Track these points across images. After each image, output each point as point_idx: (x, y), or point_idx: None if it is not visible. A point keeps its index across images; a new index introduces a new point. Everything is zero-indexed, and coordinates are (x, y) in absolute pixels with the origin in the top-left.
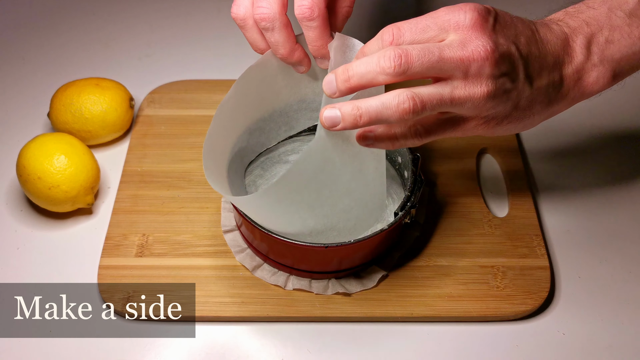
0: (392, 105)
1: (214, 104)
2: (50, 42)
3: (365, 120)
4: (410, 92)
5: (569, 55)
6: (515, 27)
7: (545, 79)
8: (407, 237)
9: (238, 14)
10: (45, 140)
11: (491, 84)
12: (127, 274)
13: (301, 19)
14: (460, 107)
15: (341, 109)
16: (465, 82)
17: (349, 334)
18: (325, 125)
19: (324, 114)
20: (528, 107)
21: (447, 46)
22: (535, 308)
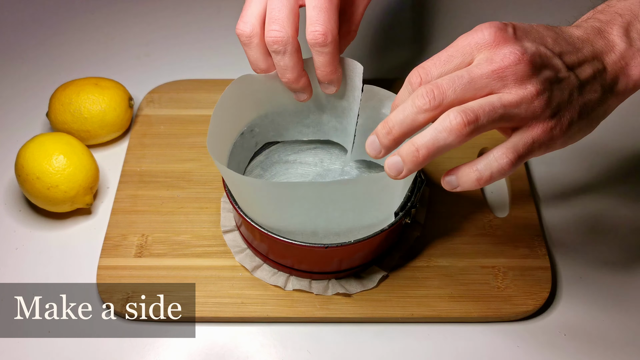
0: (444, 126)
1: (213, 104)
2: (48, 42)
3: (424, 153)
4: (458, 108)
5: (608, 45)
6: (538, 32)
7: (589, 68)
8: (407, 238)
9: (244, 30)
10: (44, 140)
11: (535, 82)
12: (126, 274)
13: (313, 44)
14: (517, 112)
15: (400, 153)
16: (509, 89)
17: (349, 334)
18: (392, 175)
19: (387, 165)
20: (583, 101)
21: (475, 66)
22: (536, 308)
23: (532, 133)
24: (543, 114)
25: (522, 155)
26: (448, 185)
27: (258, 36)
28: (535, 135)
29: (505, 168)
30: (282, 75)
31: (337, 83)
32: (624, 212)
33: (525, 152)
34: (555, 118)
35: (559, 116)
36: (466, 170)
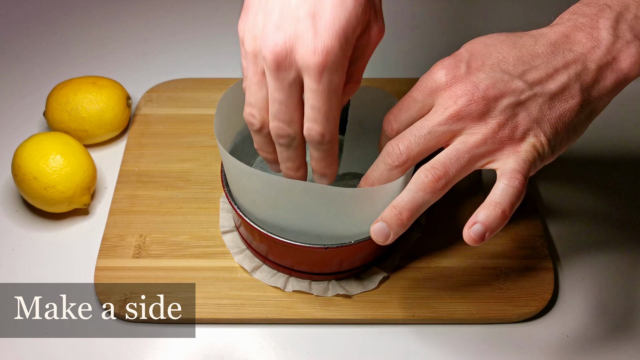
0: (418, 186)
1: (212, 103)
2: (46, 40)
3: (407, 215)
4: (427, 164)
5: (593, 41)
6: (498, 54)
7: (562, 76)
8: (408, 238)
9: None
10: (41, 139)
11: (495, 114)
12: (124, 275)
13: (309, 140)
14: (486, 148)
15: (384, 219)
16: (471, 129)
17: (350, 336)
18: (380, 241)
19: (374, 232)
20: (560, 111)
21: (433, 114)
22: (538, 310)
23: (519, 155)
24: (514, 138)
25: (525, 172)
26: (477, 236)
27: (266, 124)
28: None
29: (519, 186)
30: (282, 162)
31: (331, 177)
32: (627, 213)
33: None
34: (530, 136)
35: (535, 133)
36: (486, 212)
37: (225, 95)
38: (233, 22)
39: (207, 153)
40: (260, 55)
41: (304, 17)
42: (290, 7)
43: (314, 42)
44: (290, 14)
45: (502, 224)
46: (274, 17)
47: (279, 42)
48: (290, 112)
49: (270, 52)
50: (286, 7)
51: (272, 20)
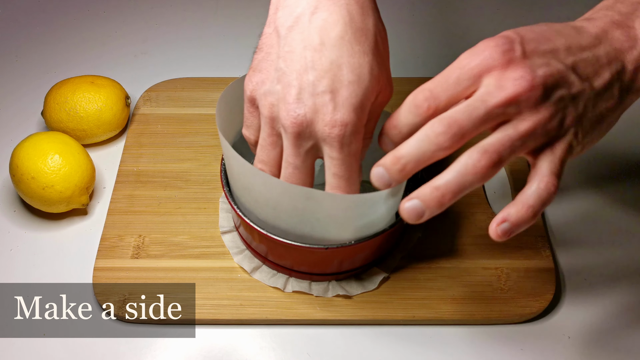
0: (469, 170)
1: (211, 102)
2: (44, 39)
3: (449, 197)
4: (478, 148)
5: (629, 41)
6: (548, 41)
7: (607, 73)
8: (409, 238)
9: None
10: (39, 139)
11: (549, 105)
12: (122, 275)
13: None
14: (533, 137)
15: (422, 198)
16: (523, 116)
17: (350, 337)
18: (412, 220)
19: (405, 208)
20: (599, 110)
21: (488, 94)
22: (540, 310)
23: (556, 152)
24: (558, 132)
25: (560, 174)
26: (503, 234)
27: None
28: (558, 154)
29: (554, 192)
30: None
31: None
32: (629, 213)
33: (561, 170)
34: (570, 133)
35: (575, 130)
36: (518, 211)
37: (224, 94)
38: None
39: (207, 153)
40: (278, 121)
41: (323, 92)
42: (309, 82)
43: (333, 115)
44: (309, 89)
45: (529, 224)
46: (293, 89)
47: (301, 114)
48: (303, 176)
49: (292, 122)
50: (305, 81)
51: (291, 92)
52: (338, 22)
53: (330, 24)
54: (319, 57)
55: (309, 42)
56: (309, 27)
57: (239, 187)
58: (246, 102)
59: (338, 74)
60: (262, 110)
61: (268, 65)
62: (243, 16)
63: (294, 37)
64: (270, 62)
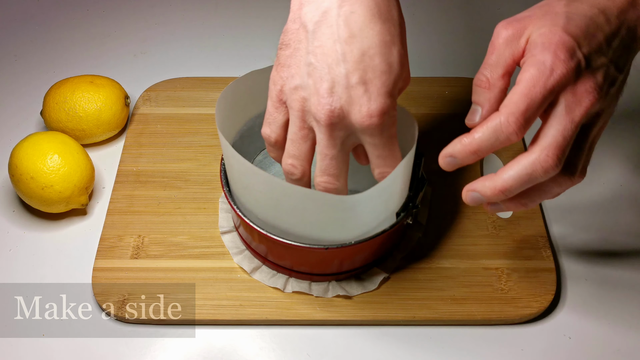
0: (537, 170)
1: (211, 102)
2: (43, 39)
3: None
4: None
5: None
6: (593, 37)
7: (632, 56)
8: (409, 239)
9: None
10: (38, 139)
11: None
12: (122, 276)
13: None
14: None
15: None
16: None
17: (350, 337)
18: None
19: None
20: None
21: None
22: (540, 311)
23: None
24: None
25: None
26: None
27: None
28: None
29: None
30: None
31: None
32: (630, 213)
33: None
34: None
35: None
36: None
37: (224, 93)
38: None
39: (206, 153)
40: (309, 115)
41: (357, 83)
42: (342, 75)
43: (370, 106)
44: (342, 81)
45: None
46: (325, 83)
47: (336, 107)
48: (341, 164)
49: (327, 115)
50: (337, 74)
51: (324, 85)
52: (366, 14)
53: (359, 16)
54: (349, 49)
55: (338, 35)
56: (338, 21)
57: (239, 187)
58: (272, 98)
59: (370, 65)
60: (292, 104)
61: (297, 61)
62: (243, 16)
63: (323, 31)
64: (299, 58)
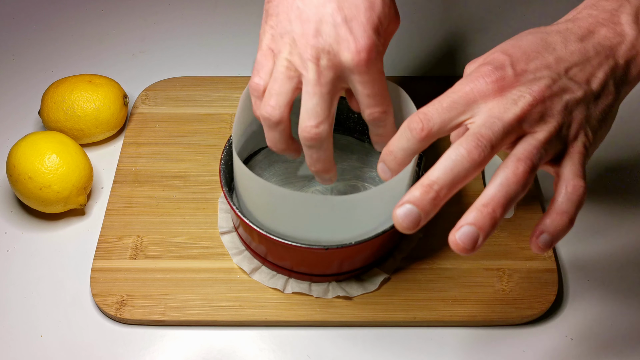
0: (510, 179)
1: (210, 102)
2: (41, 38)
3: (501, 212)
4: (511, 158)
5: (619, 36)
6: (538, 55)
7: (601, 73)
8: (409, 239)
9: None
10: (36, 138)
11: (555, 114)
12: (120, 276)
13: (374, 123)
14: (553, 145)
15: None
16: (535, 129)
17: (350, 338)
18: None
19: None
20: (602, 107)
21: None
22: (542, 312)
23: (573, 157)
24: (570, 137)
25: (583, 175)
26: (545, 246)
27: (285, 122)
28: (577, 157)
29: (583, 193)
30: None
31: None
32: (632, 213)
33: (583, 171)
34: (582, 135)
35: (585, 132)
36: (553, 220)
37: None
38: (231, 20)
39: (206, 152)
40: (297, 56)
41: (341, 22)
42: (328, 14)
43: (357, 43)
44: (327, 20)
45: (567, 231)
46: (312, 24)
47: (325, 46)
48: (327, 105)
49: (314, 55)
50: (324, 14)
51: (310, 27)
52: None
53: None
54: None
55: None
56: None
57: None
58: (262, 48)
59: (354, 3)
60: (280, 48)
61: (285, 8)
62: (242, 15)
63: None
64: (287, 5)
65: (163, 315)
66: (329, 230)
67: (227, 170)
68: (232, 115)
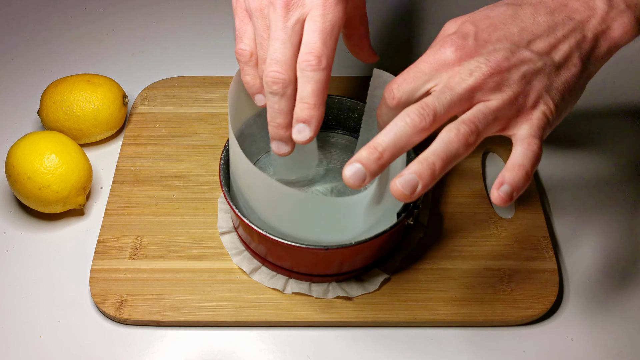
0: (452, 138)
1: (210, 101)
2: (40, 37)
3: (440, 165)
4: (457, 121)
5: (590, 10)
6: (504, 26)
7: (565, 45)
8: (410, 239)
9: (245, 50)
10: (35, 138)
11: (511, 83)
12: (120, 277)
13: (304, 68)
14: (505, 113)
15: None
16: (489, 97)
17: (350, 339)
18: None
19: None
20: (564, 79)
21: (454, 84)
22: (542, 312)
23: (532, 121)
24: (527, 106)
25: (540, 137)
26: (506, 195)
27: (255, 54)
28: (535, 122)
29: (537, 149)
30: (272, 119)
31: (316, 123)
32: (634, 213)
33: (540, 134)
34: (542, 104)
35: (544, 102)
36: (511, 173)
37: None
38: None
39: (205, 152)
40: (266, 6)
41: None
42: None
43: None
44: None
45: (526, 184)
46: None
47: None
48: (289, 52)
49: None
50: None
51: None
52: None
53: None
54: None
55: None
56: None
57: (245, 184)
58: (238, 15)
59: None
60: (252, 6)
61: None
62: None
63: None
64: None
65: (163, 316)
66: (329, 231)
67: (227, 170)
68: None
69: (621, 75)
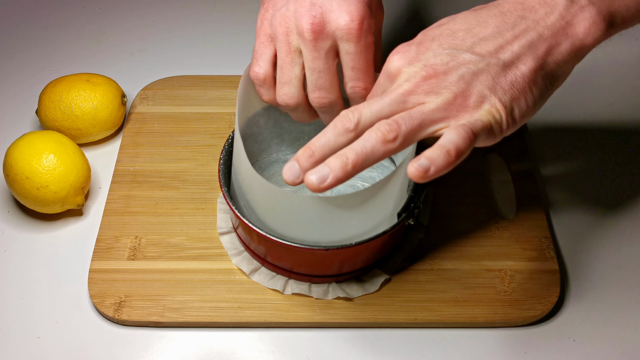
0: (370, 136)
1: (209, 101)
2: (38, 37)
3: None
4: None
5: (547, 6)
6: (448, 31)
7: (516, 45)
8: (410, 240)
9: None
10: (34, 138)
11: (448, 86)
12: (118, 277)
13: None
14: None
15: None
16: (425, 100)
17: (351, 340)
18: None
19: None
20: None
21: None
22: (544, 313)
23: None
24: (468, 106)
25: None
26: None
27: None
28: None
29: (466, 139)
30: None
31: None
32: (634, 214)
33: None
34: (485, 104)
35: (489, 101)
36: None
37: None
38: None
39: (204, 152)
40: (293, 34)
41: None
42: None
43: (348, 10)
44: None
45: (446, 163)
46: (306, 1)
47: (316, 15)
48: (329, 77)
49: (308, 26)
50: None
51: (305, 3)
52: None
53: None
54: None
55: None
56: None
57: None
58: (259, 36)
59: None
60: (277, 30)
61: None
62: (241, 13)
63: None
64: None
65: (161, 317)
66: (329, 231)
67: (226, 170)
68: (231, 114)
69: (621, 75)
